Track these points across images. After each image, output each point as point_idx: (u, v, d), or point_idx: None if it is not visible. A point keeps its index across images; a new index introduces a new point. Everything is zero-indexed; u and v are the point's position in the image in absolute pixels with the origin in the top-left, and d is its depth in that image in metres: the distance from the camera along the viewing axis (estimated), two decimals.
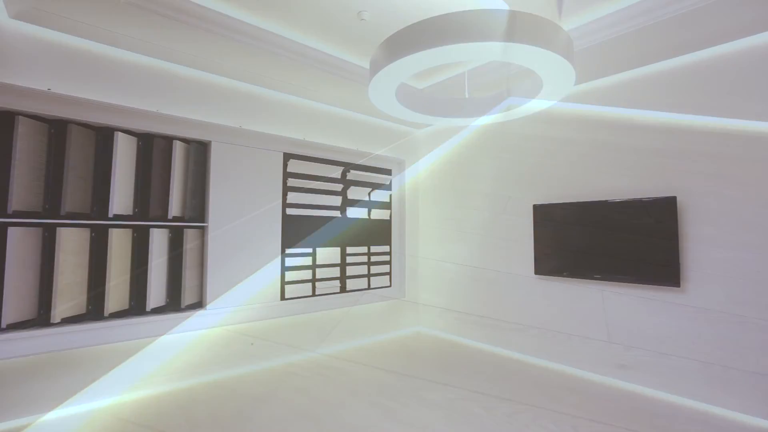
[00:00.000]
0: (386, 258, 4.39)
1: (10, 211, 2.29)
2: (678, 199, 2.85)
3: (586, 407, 2.68)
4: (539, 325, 3.62)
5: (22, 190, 2.35)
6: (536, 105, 2.10)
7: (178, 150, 2.96)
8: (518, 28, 1.40)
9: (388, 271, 4.39)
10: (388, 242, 4.42)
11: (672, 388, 2.83)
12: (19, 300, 2.33)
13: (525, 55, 1.49)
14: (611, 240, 3.10)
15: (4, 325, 2.26)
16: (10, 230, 2.29)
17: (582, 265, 3.27)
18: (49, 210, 2.47)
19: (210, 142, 3.11)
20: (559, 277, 3.49)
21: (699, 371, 2.72)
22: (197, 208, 3.08)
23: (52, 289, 2.42)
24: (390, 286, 4.39)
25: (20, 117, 2.35)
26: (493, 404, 2.72)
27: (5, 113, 2.36)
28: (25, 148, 2.37)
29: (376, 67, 1.67)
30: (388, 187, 4.47)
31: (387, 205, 4.45)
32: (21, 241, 2.34)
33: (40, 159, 2.45)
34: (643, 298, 3.00)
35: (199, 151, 3.12)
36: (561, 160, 3.55)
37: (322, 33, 2.94)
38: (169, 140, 2.95)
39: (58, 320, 2.42)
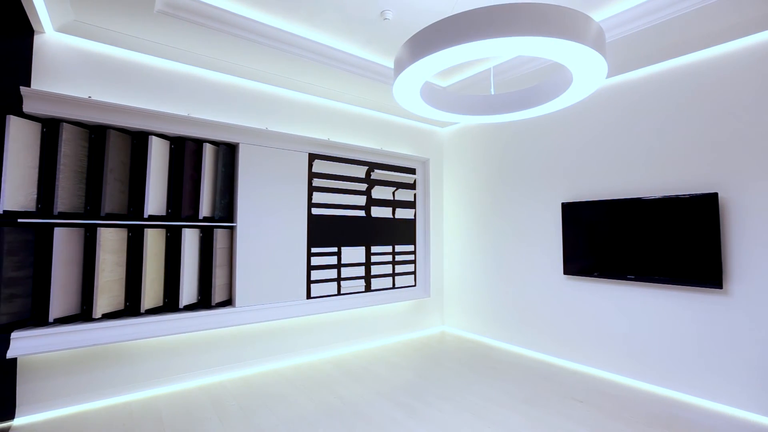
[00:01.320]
0: (411, 257, 4.37)
1: (55, 212, 2.44)
2: (720, 195, 2.70)
3: (619, 412, 2.58)
4: (568, 327, 3.52)
5: (66, 193, 2.49)
6: (565, 100, 2.03)
7: (208, 152, 3.06)
8: (547, 20, 1.36)
9: (412, 270, 4.38)
10: (413, 241, 4.40)
11: (713, 395, 2.69)
12: (64, 296, 2.47)
13: (554, 48, 1.44)
14: (646, 239, 2.97)
15: (51, 320, 2.40)
16: (56, 230, 2.43)
17: (614, 265, 3.15)
18: (90, 211, 2.61)
19: (238, 144, 3.19)
20: (590, 278, 3.37)
21: (742, 378, 2.57)
22: (226, 209, 3.17)
23: (93, 286, 2.56)
24: (415, 285, 4.38)
25: (64, 124, 2.49)
26: (521, 407, 2.66)
27: (51, 120, 2.51)
28: (69, 153, 2.51)
29: (400, 66, 1.66)
30: (413, 186, 4.45)
31: (411, 204, 4.43)
32: (65, 241, 2.48)
33: (82, 163, 2.59)
34: (681, 300, 2.86)
35: (228, 153, 3.20)
36: (591, 156, 3.43)
37: (346, 34, 2.96)
38: (199, 143, 3.05)
39: (99, 315, 2.55)
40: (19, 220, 2.34)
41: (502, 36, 1.30)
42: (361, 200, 3.97)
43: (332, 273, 3.72)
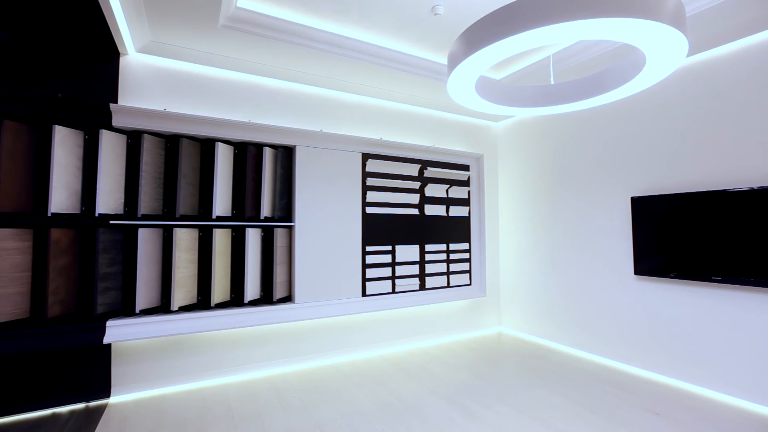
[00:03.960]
0: (466, 255, 4.28)
1: (139, 215, 2.71)
2: None
3: (705, 430, 2.32)
4: (641, 331, 3.23)
5: (147, 197, 2.76)
6: (637, 85, 1.86)
7: (268, 155, 3.22)
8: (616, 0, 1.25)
9: (467, 269, 4.28)
10: (468, 239, 4.31)
11: None
12: (147, 290, 2.74)
13: (627, 29, 1.32)
14: (735, 237, 2.64)
15: (137, 311, 2.68)
16: (140, 231, 2.70)
17: (695, 265, 2.84)
18: (167, 213, 2.87)
19: (295, 146, 3.32)
20: (666, 278, 3.07)
21: None
22: (285, 209, 3.32)
23: (171, 281, 2.81)
24: (470, 284, 4.28)
25: (145, 135, 2.75)
26: (587, 415, 2.49)
27: (134, 132, 2.79)
28: (149, 161, 2.77)
29: (455, 60, 1.62)
30: (467, 183, 4.35)
31: (466, 202, 4.33)
32: (148, 240, 2.75)
33: (160, 170, 2.85)
34: None
35: (285, 156, 3.35)
36: (665, 145, 3.11)
37: (397, 32, 2.96)
38: (259, 147, 3.23)
39: (176, 308, 2.79)
40: (110, 222, 2.64)
41: (571, 20, 1.21)
42: (415, 198, 3.95)
43: (387, 271, 3.75)
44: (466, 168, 4.36)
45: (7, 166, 2.34)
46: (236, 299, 3.11)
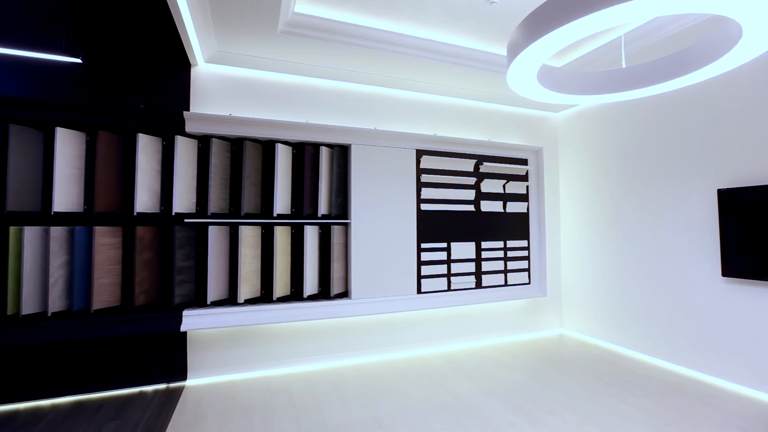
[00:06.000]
0: (524, 253, 4.10)
1: (209, 213, 2.92)
2: None
3: None
4: (731, 339, 2.88)
5: (216, 197, 2.96)
6: (728, 63, 1.65)
7: (324, 154, 3.31)
8: None
9: (526, 267, 4.10)
10: (526, 236, 4.12)
11: None
12: (217, 283, 2.95)
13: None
14: None
15: (209, 302, 2.89)
16: (210, 228, 2.91)
17: None
18: (233, 212, 3.06)
19: (350, 145, 3.38)
20: (761, 281, 2.71)
21: None
22: (341, 207, 3.40)
23: (237, 275, 2.99)
24: (529, 283, 4.10)
25: (213, 139, 2.96)
26: (666, 430, 2.28)
27: (204, 137, 3.00)
28: (217, 163, 2.97)
29: (516, 49, 1.55)
30: (525, 178, 4.16)
31: (524, 197, 4.15)
32: (217, 237, 2.95)
33: (226, 171, 3.04)
34: None
35: (341, 154, 3.42)
36: (759, 129, 2.74)
37: (453, 25, 2.90)
38: (316, 146, 3.33)
39: (242, 300, 2.98)
40: (185, 220, 2.87)
41: None
42: (470, 194, 3.86)
43: (442, 268, 3.70)
44: (524, 162, 4.17)
45: (102, 171, 2.64)
46: (296, 294, 3.24)
